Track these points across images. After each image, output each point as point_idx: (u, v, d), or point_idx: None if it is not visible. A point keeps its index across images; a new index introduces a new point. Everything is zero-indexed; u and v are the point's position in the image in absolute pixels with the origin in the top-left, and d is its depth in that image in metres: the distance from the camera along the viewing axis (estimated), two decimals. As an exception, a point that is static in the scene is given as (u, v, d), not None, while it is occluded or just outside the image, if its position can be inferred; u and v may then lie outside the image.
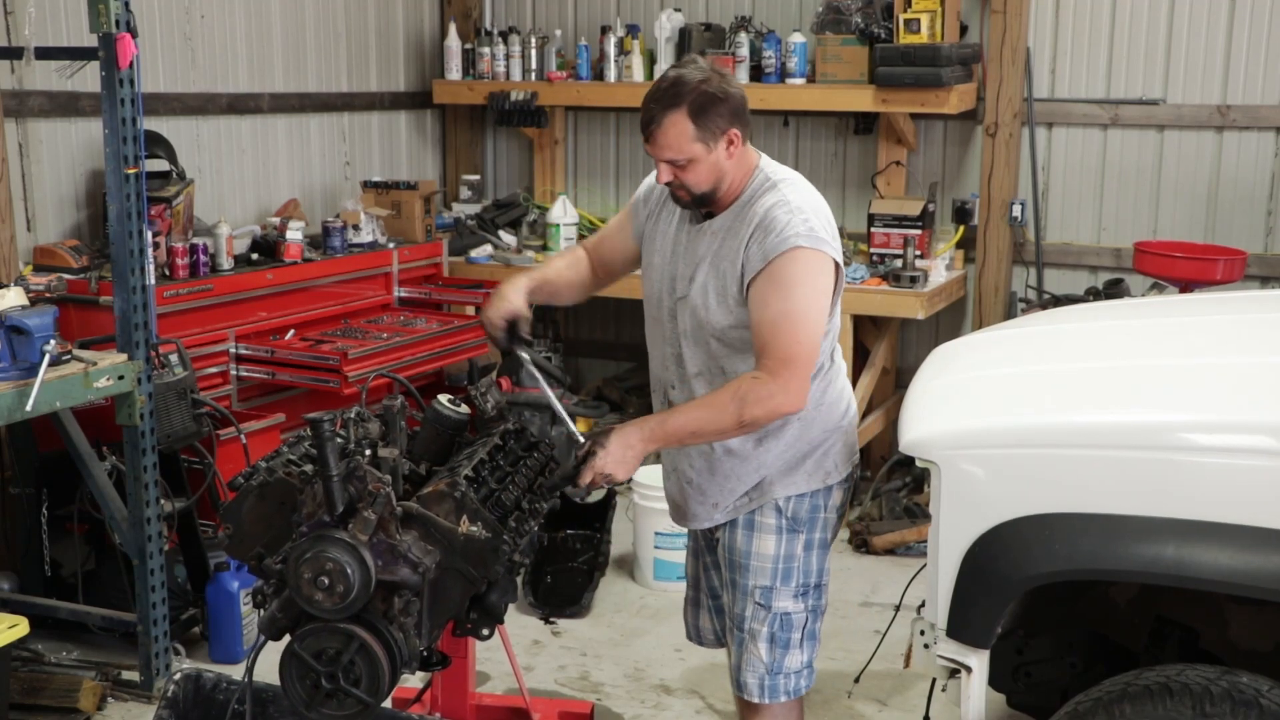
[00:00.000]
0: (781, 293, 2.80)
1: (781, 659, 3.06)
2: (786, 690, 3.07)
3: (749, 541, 3.06)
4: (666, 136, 2.84)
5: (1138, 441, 2.62)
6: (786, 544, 3.04)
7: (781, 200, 2.87)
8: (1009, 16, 5.97)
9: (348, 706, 2.68)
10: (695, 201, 2.95)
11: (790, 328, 2.79)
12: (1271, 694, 2.47)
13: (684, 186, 2.91)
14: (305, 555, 2.63)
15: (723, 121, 2.84)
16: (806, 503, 3.05)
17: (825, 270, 2.86)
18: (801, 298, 2.80)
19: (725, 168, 2.90)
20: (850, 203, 6.58)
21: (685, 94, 2.81)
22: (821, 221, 2.89)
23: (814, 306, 2.82)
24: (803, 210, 2.87)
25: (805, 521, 3.05)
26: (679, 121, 2.82)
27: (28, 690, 4.10)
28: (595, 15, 7.00)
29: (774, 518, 3.04)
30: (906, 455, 2.83)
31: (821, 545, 3.10)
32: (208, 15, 5.72)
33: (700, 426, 2.84)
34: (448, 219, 6.79)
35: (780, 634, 3.05)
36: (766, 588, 3.04)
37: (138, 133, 3.96)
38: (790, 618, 3.05)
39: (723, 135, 2.85)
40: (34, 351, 3.58)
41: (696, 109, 2.81)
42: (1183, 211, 5.98)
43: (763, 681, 3.07)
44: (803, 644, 3.08)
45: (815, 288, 2.83)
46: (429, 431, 3.09)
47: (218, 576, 4.44)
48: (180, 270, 4.98)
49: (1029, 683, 3.04)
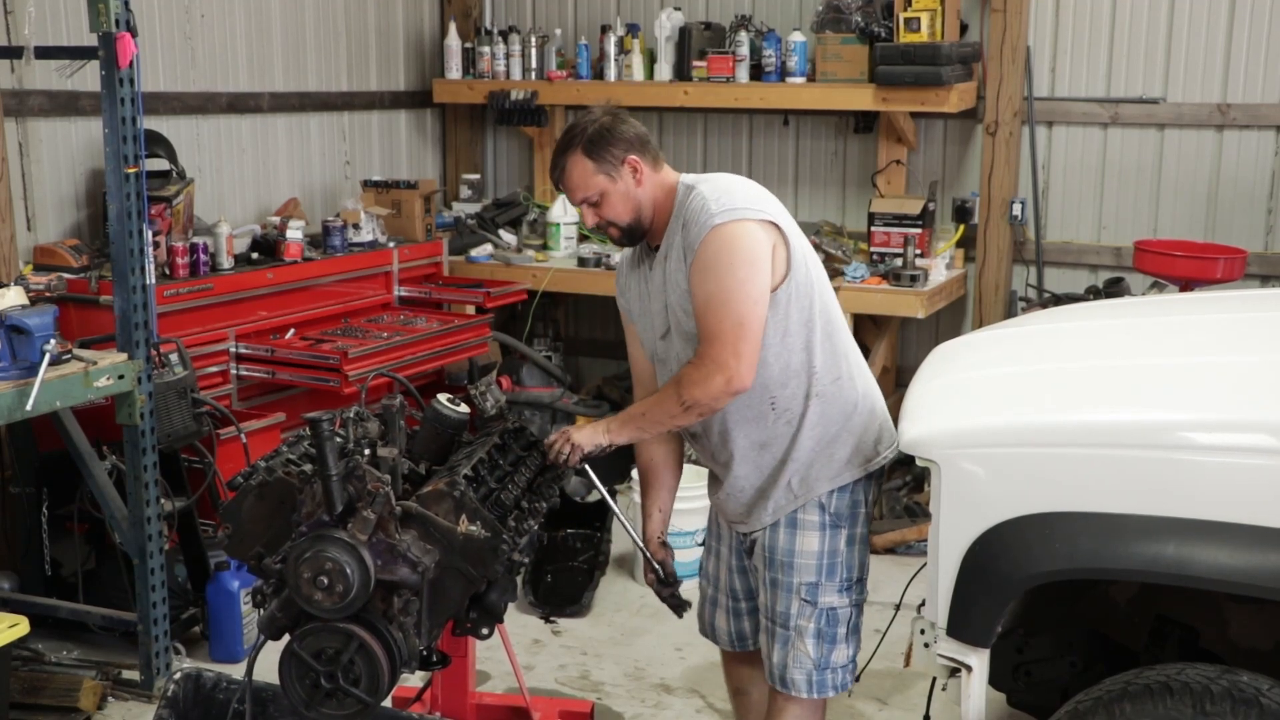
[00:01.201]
0: (705, 276, 2.88)
1: (829, 654, 3.09)
2: (834, 685, 3.11)
3: (791, 540, 3.09)
4: (572, 179, 3.01)
5: (1138, 440, 2.62)
6: (830, 540, 3.08)
7: (697, 195, 2.96)
8: (1009, 15, 5.97)
9: (347, 706, 2.69)
10: (627, 234, 3.06)
11: (716, 308, 2.86)
12: (1271, 693, 2.47)
13: (610, 223, 3.04)
14: (305, 555, 2.63)
15: (619, 151, 2.98)
16: (848, 498, 3.09)
17: (749, 235, 2.88)
18: (725, 275, 2.86)
19: (638, 195, 3.01)
20: (850, 202, 6.58)
21: (577, 137, 3.00)
22: (740, 195, 2.94)
23: (740, 281, 2.86)
24: (716, 193, 2.94)
25: (847, 517, 3.09)
26: (578, 161, 2.99)
27: (28, 690, 4.10)
28: (595, 14, 7.00)
29: (817, 514, 3.07)
30: (906, 454, 2.83)
31: (862, 540, 3.14)
32: (208, 15, 5.71)
33: (648, 409, 3.00)
34: (448, 218, 6.79)
35: (827, 629, 3.09)
36: (812, 584, 3.07)
37: (138, 132, 3.95)
38: (836, 613, 3.09)
39: (623, 164, 2.99)
40: (34, 351, 3.58)
41: (589, 146, 2.98)
42: (1183, 210, 5.98)
43: (810, 677, 3.10)
44: (848, 639, 3.12)
45: (736, 260, 2.86)
46: (428, 431, 3.09)
47: (218, 576, 4.44)
48: (180, 269, 4.98)
49: (1029, 682, 3.04)
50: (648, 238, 3.08)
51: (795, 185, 6.70)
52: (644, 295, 3.13)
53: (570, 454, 3.04)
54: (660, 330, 3.09)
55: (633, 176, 2.99)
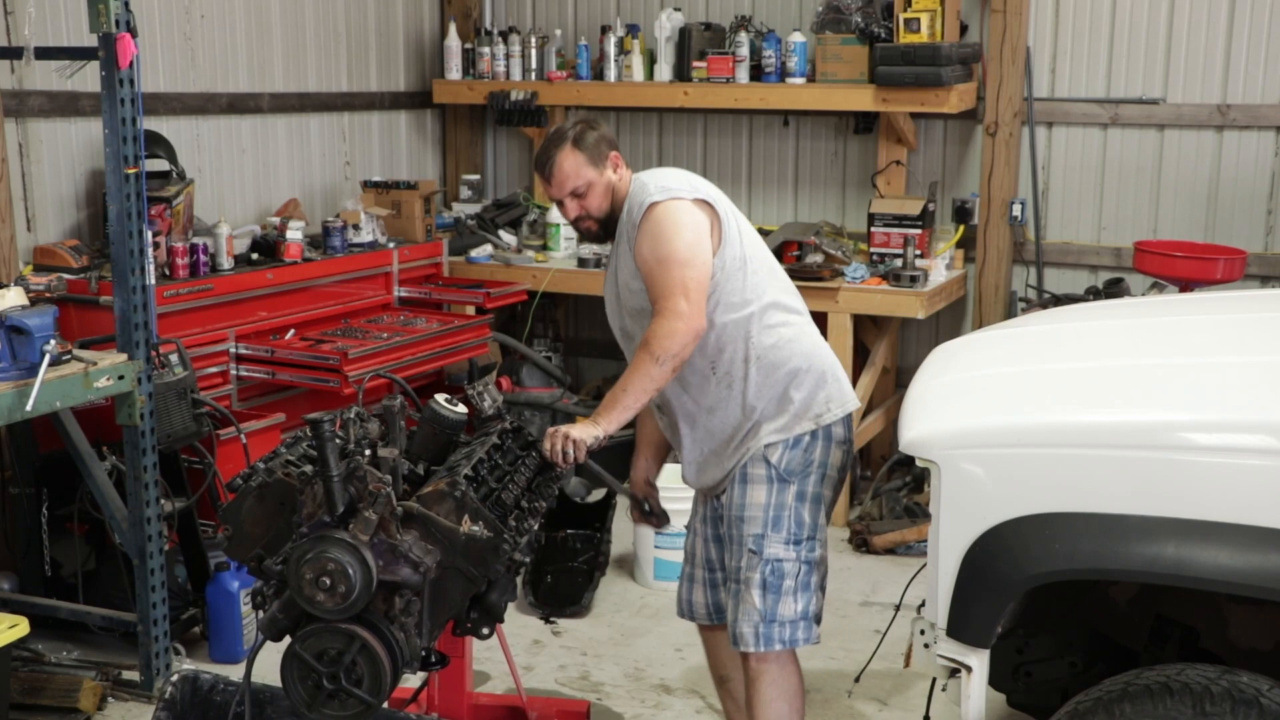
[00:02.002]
0: (651, 244, 3.14)
1: (775, 606, 3.20)
2: (781, 639, 3.21)
3: (743, 494, 3.25)
4: (563, 171, 3.27)
5: (1138, 441, 2.62)
6: (777, 493, 3.22)
7: (638, 183, 3.27)
8: (1009, 16, 5.97)
9: (349, 707, 2.69)
10: (603, 227, 3.34)
11: (666, 266, 3.10)
12: (1271, 693, 2.47)
13: (589, 215, 3.31)
14: (306, 556, 2.63)
15: (604, 146, 3.28)
16: (800, 455, 3.23)
17: (683, 210, 3.16)
18: (667, 242, 3.12)
19: (618, 189, 3.31)
20: (850, 202, 6.58)
21: (566, 135, 3.28)
22: (674, 179, 3.24)
23: (683, 244, 3.12)
24: (654, 179, 3.24)
25: (797, 473, 3.23)
26: (570, 154, 3.26)
27: (28, 690, 4.10)
28: (595, 15, 6.99)
29: (764, 468, 3.23)
30: (906, 455, 2.83)
31: (815, 500, 3.26)
32: (208, 15, 5.72)
33: (628, 383, 3.12)
34: (448, 219, 6.79)
35: (772, 580, 3.20)
36: (758, 535, 3.22)
37: (138, 133, 3.96)
38: (781, 565, 3.21)
39: (607, 158, 3.28)
40: (34, 351, 3.58)
41: (580, 140, 3.27)
42: (1183, 211, 5.98)
43: (757, 629, 3.21)
44: (796, 593, 3.22)
45: (679, 229, 3.13)
46: (426, 431, 3.09)
47: (218, 576, 4.44)
48: (180, 270, 4.98)
49: (1029, 682, 3.04)
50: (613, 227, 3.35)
51: (795, 186, 6.70)
52: (609, 282, 3.40)
53: (575, 451, 3.10)
54: (618, 308, 3.36)
55: (614, 171, 3.29)
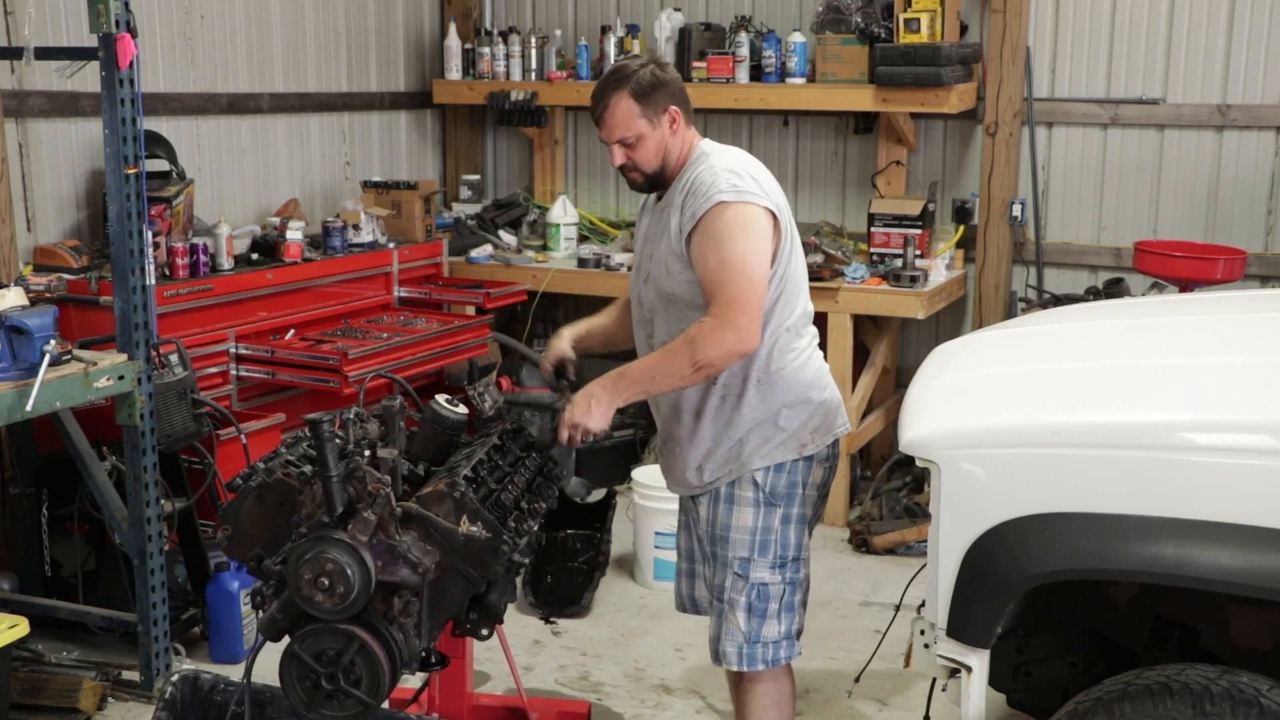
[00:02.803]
0: (715, 244, 2.98)
1: (759, 628, 3.18)
2: (765, 659, 3.20)
3: (729, 515, 3.20)
4: (614, 117, 3.09)
5: (1138, 441, 2.62)
6: (764, 517, 3.18)
7: (708, 166, 3.08)
8: (1009, 16, 5.97)
9: (348, 707, 2.69)
10: (648, 181, 3.18)
11: (731, 274, 2.95)
12: (1271, 694, 2.47)
13: (636, 167, 3.15)
14: (305, 556, 2.63)
15: (664, 100, 3.09)
16: (785, 477, 3.18)
17: (755, 218, 3.01)
18: (736, 245, 2.97)
19: (670, 145, 3.13)
20: (850, 202, 6.58)
21: (628, 78, 3.08)
22: (747, 178, 3.06)
23: (750, 252, 2.98)
24: (727, 170, 3.05)
25: (783, 496, 3.19)
26: (624, 100, 3.08)
27: (28, 690, 4.10)
28: (595, 15, 7.00)
29: (751, 491, 3.18)
30: (906, 455, 2.83)
31: (800, 520, 3.23)
32: (208, 15, 5.72)
33: (656, 370, 3.02)
34: (448, 219, 6.79)
35: (758, 604, 3.18)
36: (744, 559, 3.18)
37: (138, 133, 3.95)
38: (767, 588, 3.19)
39: (664, 113, 3.10)
40: (34, 351, 3.58)
41: (638, 90, 3.07)
42: (1183, 211, 5.98)
43: (740, 650, 3.20)
44: (780, 615, 3.20)
45: (747, 235, 2.98)
46: (427, 432, 3.09)
47: (218, 576, 4.44)
48: (180, 270, 4.97)
49: (1029, 682, 3.04)
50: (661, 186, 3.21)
51: (795, 186, 6.70)
52: (641, 235, 3.29)
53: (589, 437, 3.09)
54: (643, 274, 3.24)
55: (670, 126, 3.11)
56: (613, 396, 3.05)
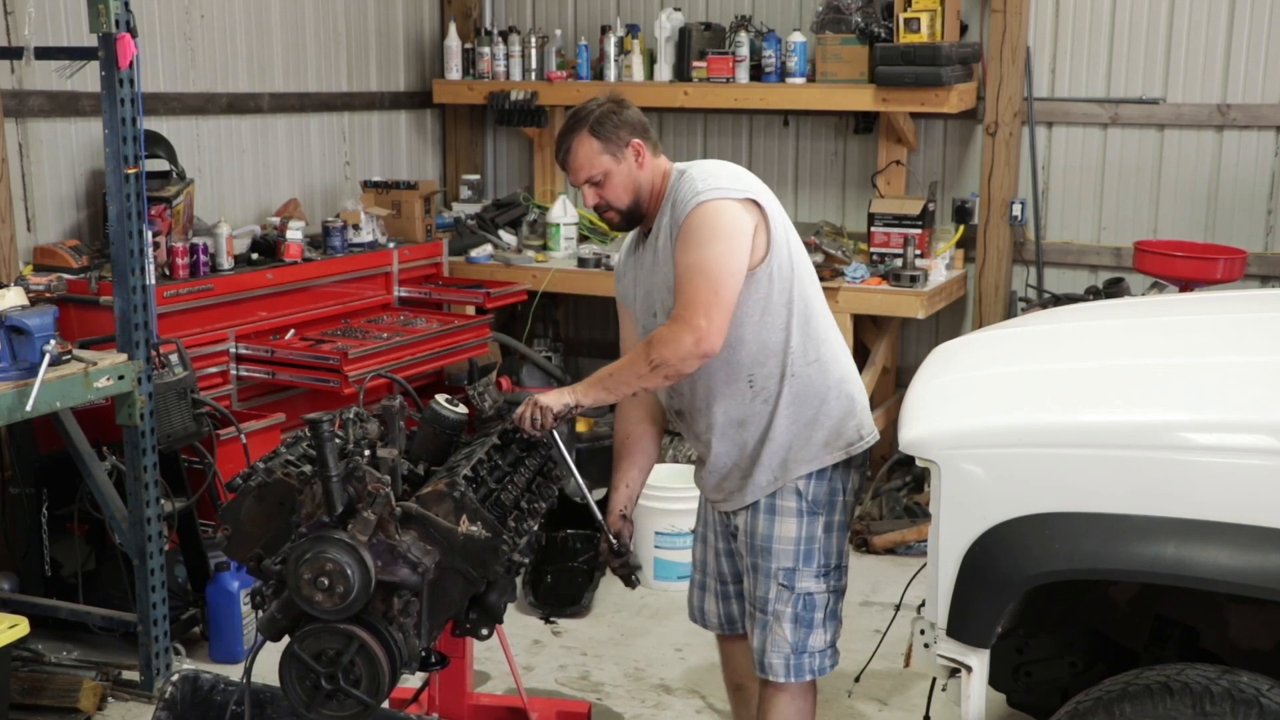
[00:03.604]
0: (685, 247, 2.98)
1: (806, 639, 3.16)
2: (811, 669, 3.18)
3: (770, 525, 3.16)
4: (578, 158, 3.11)
5: (1138, 441, 2.61)
6: (808, 526, 3.15)
7: (686, 178, 3.08)
8: (1009, 16, 5.97)
9: (348, 707, 2.69)
10: (624, 218, 3.17)
11: (694, 275, 2.94)
12: (1271, 693, 2.47)
13: (609, 205, 3.14)
14: (305, 556, 2.63)
15: (624, 134, 3.10)
16: (825, 485, 3.16)
17: (731, 212, 2.99)
18: (706, 246, 2.95)
19: (639, 178, 3.12)
20: (850, 202, 6.58)
21: (585, 118, 3.10)
22: (725, 176, 3.06)
23: (716, 254, 2.95)
24: (703, 174, 3.06)
25: (824, 504, 3.16)
26: (585, 141, 3.09)
27: (28, 690, 4.10)
28: (595, 15, 6.99)
29: (794, 500, 3.14)
30: (906, 454, 2.83)
31: (841, 527, 3.21)
32: (208, 15, 5.71)
33: (615, 369, 3.04)
34: (448, 219, 6.79)
35: (804, 614, 3.16)
36: (790, 569, 3.15)
37: (138, 133, 3.95)
38: (813, 598, 3.16)
39: (627, 147, 3.10)
40: (34, 351, 3.58)
41: (596, 127, 3.09)
42: (1183, 211, 5.98)
43: (788, 661, 3.17)
44: (825, 624, 3.19)
45: (715, 236, 2.96)
46: (426, 431, 3.09)
47: (218, 576, 4.44)
48: (180, 270, 4.97)
49: (1029, 682, 3.04)
50: (643, 223, 3.19)
51: (795, 185, 6.70)
52: (638, 279, 3.24)
53: (542, 417, 3.04)
54: (654, 310, 3.17)
55: (635, 159, 3.11)
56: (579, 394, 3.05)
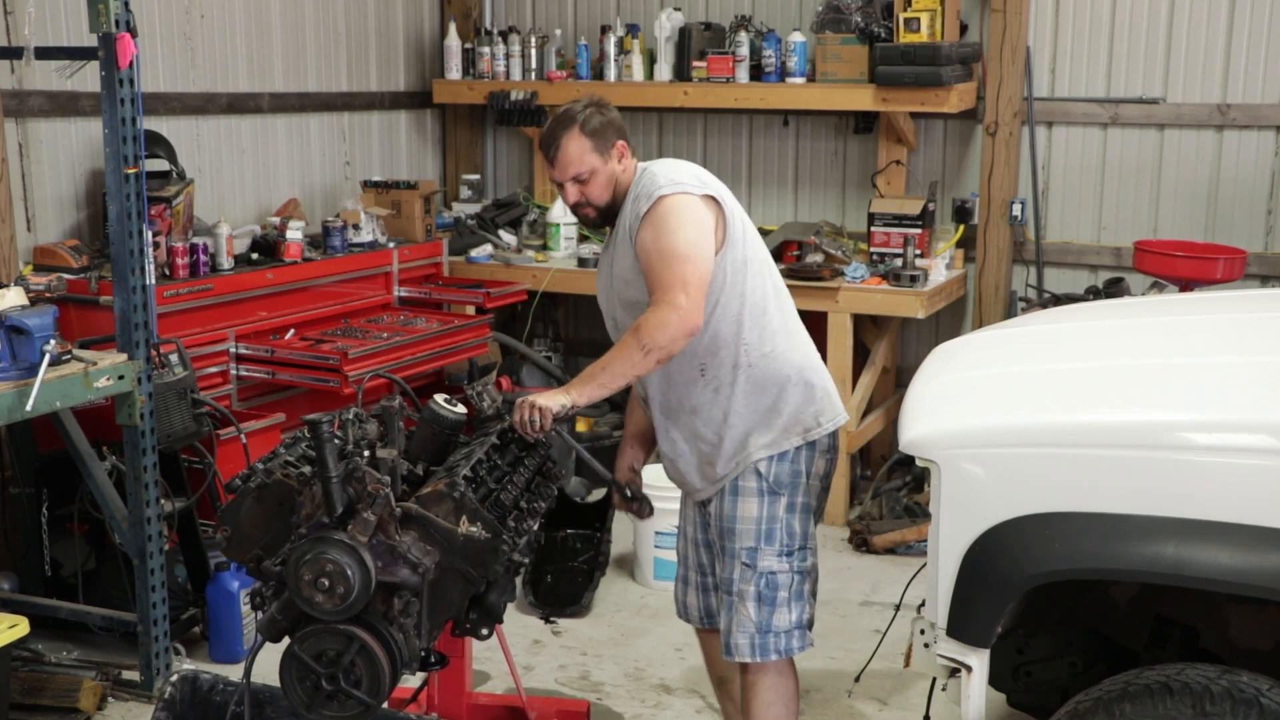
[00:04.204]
0: (654, 234, 3.08)
1: (770, 618, 3.21)
2: (777, 649, 3.22)
3: (734, 506, 3.24)
4: (568, 155, 3.21)
5: (1138, 441, 2.62)
6: (768, 506, 3.22)
7: (646, 174, 3.22)
8: (1009, 15, 5.97)
9: (348, 708, 2.69)
10: (601, 215, 3.29)
11: (667, 258, 3.04)
12: (1271, 693, 2.47)
13: (589, 203, 3.26)
14: (305, 557, 2.63)
15: (612, 135, 3.23)
16: (788, 466, 3.22)
17: (692, 205, 3.10)
18: (671, 234, 3.06)
19: (620, 178, 3.26)
20: (850, 202, 6.58)
21: (575, 117, 3.23)
22: (685, 174, 3.18)
23: (688, 239, 3.06)
24: (663, 171, 3.19)
25: (786, 485, 3.22)
26: (576, 138, 3.21)
27: (28, 690, 4.10)
28: (595, 15, 6.99)
29: (755, 481, 3.21)
30: (906, 454, 2.83)
31: (804, 509, 3.26)
32: (208, 15, 5.71)
33: (608, 361, 3.08)
34: (448, 218, 6.79)
35: (767, 593, 3.21)
36: (752, 548, 3.22)
37: (138, 133, 3.95)
38: (776, 577, 3.22)
39: (614, 147, 3.23)
40: (34, 351, 3.58)
41: (589, 129, 3.22)
42: (1183, 210, 5.98)
43: (753, 640, 3.22)
44: (790, 604, 3.23)
45: (683, 222, 3.07)
46: (425, 432, 3.09)
47: (218, 576, 4.44)
48: (180, 270, 4.97)
49: (1029, 682, 3.04)
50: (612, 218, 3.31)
51: (795, 185, 6.70)
52: (603, 271, 3.37)
53: (541, 419, 3.05)
54: (613, 302, 3.31)
55: (619, 160, 3.24)
56: (568, 388, 3.09)
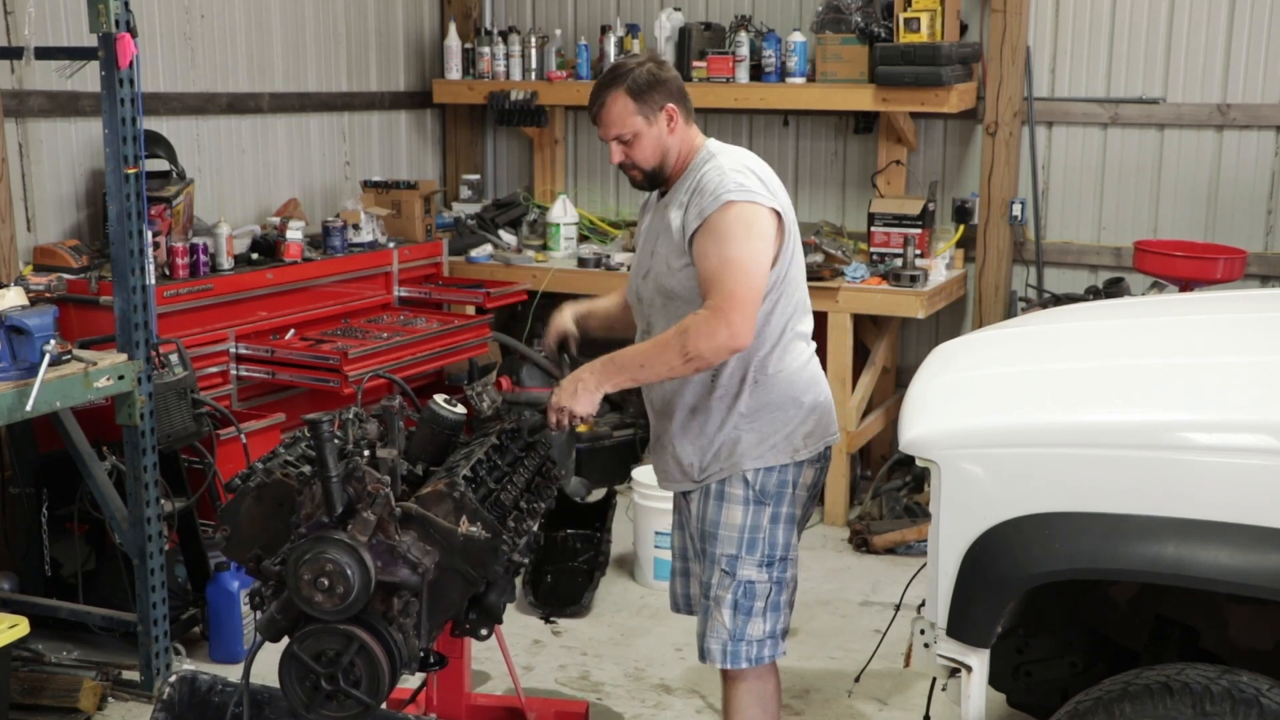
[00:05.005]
0: (719, 243, 2.98)
1: (744, 626, 3.19)
2: (748, 657, 3.20)
3: (718, 511, 3.21)
4: (610, 114, 3.12)
5: (1138, 441, 2.62)
6: (753, 515, 3.18)
7: (715, 166, 3.09)
8: (1009, 15, 5.97)
9: (348, 708, 2.69)
10: (648, 179, 3.20)
11: (731, 271, 2.96)
12: (1271, 693, 2.47)
13: (634, 165, 3.17)
14: (305, 556, 2.63)
15: (659, 97, 3.11)
16: (775, 477, 3.19)
17: (759, 218, 3.02)
18: (738, 244, 2.98)
19: (668, 143, 3.14)
20: (850, 202, 6.58)
21: (624, 75, 3.11)
22: (754, 179, 3.08)
23: (751, 252, 2.99)
24: (734, 170, 3.07)
25: (773, 495, 3.19)
26: (620, 99, 3.10)
27: (28, 690, 4.10)
28: (595, 14, 6.99)
29: (741, 489, 3.18)
30: (906, 454, 2.83)
31: (789, 520, 3.23)
32: (208, 15, 5.71)
33: (647, 359, 3.02)
34: (448, 218, 6.79)
35: (744, 602, 3.19)
36: (732, 556, 3.19)
37: (138, 133, 3.95)
38: (754, 586, 3.19)
39: (661, 110, 3.11)
40: (34, 351, 3.58)
41: (634, 88, 3.10)
42: (1183, 210, 5.97)
43: (725, 647, 3.20)
44: (765, 614, 3.21)
45: (751, 235, 3.00)
46: (425, 432, 3.09)
47: (218, 576, 4.44)
48: (180, 270, 4.97)
49: (1029, 682, 3.04)
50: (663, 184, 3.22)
51: (795, 185, 6.69)
52: (643, 232, 3.30)
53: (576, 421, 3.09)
54: (643, 270, 3.24)
55: (667, 124, 3.12)
56: (600, 381, 3.06)
